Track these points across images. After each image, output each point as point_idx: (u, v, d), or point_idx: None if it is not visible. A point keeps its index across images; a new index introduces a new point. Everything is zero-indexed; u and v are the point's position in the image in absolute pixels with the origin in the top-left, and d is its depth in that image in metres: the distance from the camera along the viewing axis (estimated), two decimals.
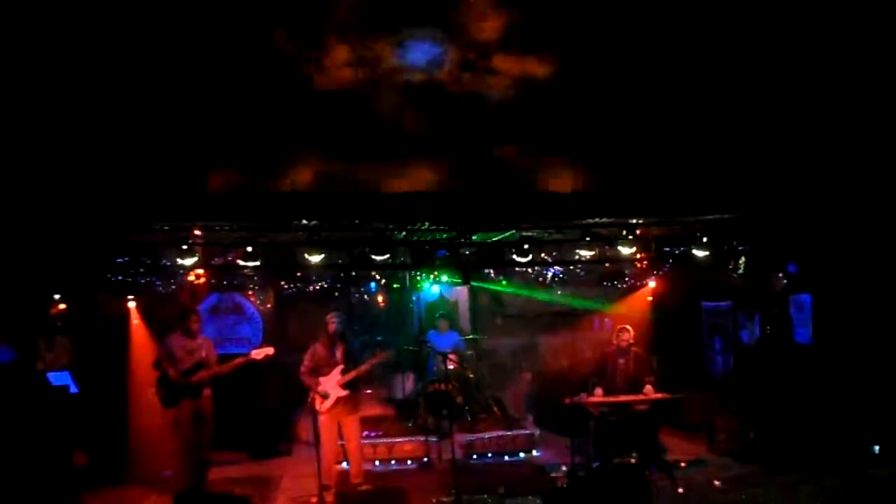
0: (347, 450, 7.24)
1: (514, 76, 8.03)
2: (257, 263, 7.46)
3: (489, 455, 8.55)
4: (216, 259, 7.94)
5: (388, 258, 7.75)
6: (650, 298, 10.71)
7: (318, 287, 10.59)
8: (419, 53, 7.82)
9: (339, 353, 7.09)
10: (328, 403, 6.92)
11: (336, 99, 7.75)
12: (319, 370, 7.03)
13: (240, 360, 7.16)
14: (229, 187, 7.36)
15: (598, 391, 7.71)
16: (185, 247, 7.23)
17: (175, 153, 7.25)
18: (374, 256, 7.56)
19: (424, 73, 7.89)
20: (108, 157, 7.03)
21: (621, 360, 7.89)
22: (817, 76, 7.78)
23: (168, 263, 7.58)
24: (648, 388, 7.65)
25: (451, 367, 8.43)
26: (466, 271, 8.73)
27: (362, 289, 11.22)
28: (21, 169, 6.79)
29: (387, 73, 7.83)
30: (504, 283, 11.18)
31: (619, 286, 11.23)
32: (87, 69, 7.11)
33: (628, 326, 8.07)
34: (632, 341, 7.97)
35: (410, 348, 10.03)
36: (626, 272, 10.73)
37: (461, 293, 11.16)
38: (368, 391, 9.99)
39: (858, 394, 7.75)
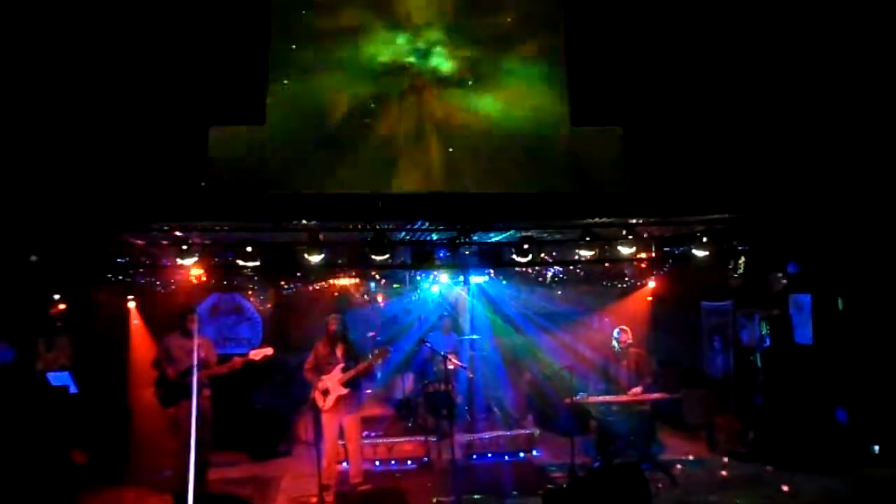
0: (348, 449, 7.26)
1: None
2: (257, 263, 7.46)
3: (489, 455, 8.54)
4: (216, 259, 7.94)
5: (388, 258, 7.75)
6: (650, 298, 10.70)
7: (318, 287, 10.58)
8: None
9: (339, 353, 7.16)
10: (329, 401, 6.95)
11: None
12: (321, 368, 7.13)
13: (238, 360, 7.16)
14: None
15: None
16: (185, 247, 7.23)
17: (175, 153, 7.24)
18: (374, 256, 7.56)
19: None
20: (109, 157, 7.03)
21: (624, 362, 7.90)
22: (817, 76, 7.78)
23: (168, 263, 7.58)
24: (637, 389, 7.64)
25: (450, 367, 8.43)
26: (466, 271, 8.73)
27: (362, 289, 11.20)
28: (21, 169, 6.79)
29: None
30: (504, 282, 11.19)
31: (619, 286, 11.22)
32: (88, 70, 7.11)
33: (626, 327, 8.08)
34: (630, 342, 7.98)
35: (411, 349, 10.02)
36: (626, 272, 10.72)
37: (461, 293, 11.13)
38: (368, 391, 9.98)
39: (858, 394, 7.75)
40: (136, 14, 7.23)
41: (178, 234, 7.28)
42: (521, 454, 8.59)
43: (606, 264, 9.63)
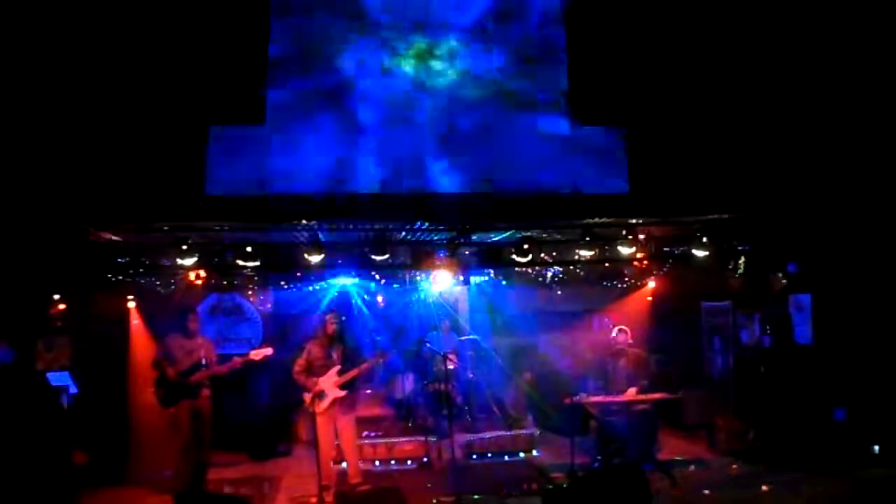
0: (343, 450, 7.21)
1: None
2: (257, 263, 7.46)
3: (489, 455, 8.54)
4: (216, 259, 7.93)
5: (388, 258, 7.75)
6: (650, 298, 10.70)
7: (317, 287, 10.56)
8: None
9: (336, 354, 7.07)
10: (324, 404, 6.89)
11: None
12: (314, 370, 6.99)
13: (238, 360, 7.16)
14: None
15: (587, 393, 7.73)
16: (185, 247, 7.23)
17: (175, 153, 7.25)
18: (374, 256, 7.56)
19: None
20: (109, 157, 7.03)
21: (621, 361, 7.91)
22: (817, 76, 7.78)
23: (168, 263, 7.58)
24: (632, 390, 7.63)
25: (450, 367, 8.43)
26: (467, 271, 8.74)
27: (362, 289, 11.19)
28: (21, 169, 6.79)
29: None
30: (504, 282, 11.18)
31: (619, 286, 11.21)
32: (87, 70, 7.11)
33: (625, 327, 8.08)
34: (629, 342, 7.98)
35: (411, 349, 10.02)
36: (626, 272, 10.71)
37: (461, 293, 11.13)
38: (368, 391, 9.98)
39: (858, 394, 7.74)
40: (136, 14, 7.23)
41: (177, 234, 7.28)
42: (521, 454, 8.59)
43: (606, 264, 9.63)
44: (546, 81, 8.03)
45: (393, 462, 8.32)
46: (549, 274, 10.78)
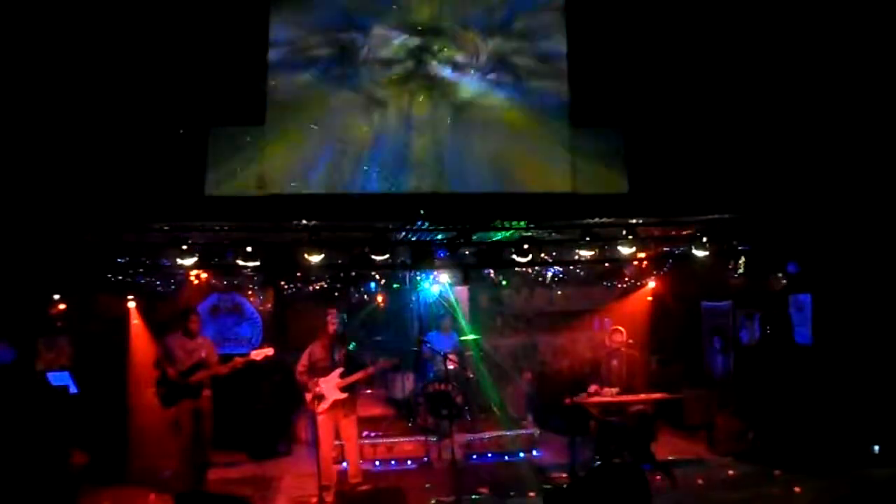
0: (345, 450, 7.21)
1: None
2: (257, 263, 7.46)
3: (489, 455, 8.54)
4: (216, 259, 7.93)
5: (388, 258, 7.75)
6: (650, 298, 10.70)
7: (318, 287, 10.57)
8: None
9: (338, 355, 7.06)
10: (325, 405, 6.89)
11: None
12: (317, 371, 6.98)
13: (239, 360, 7.16)
14: None
15: (594, 387, 7.72)
16: (185, 247, 7.23)
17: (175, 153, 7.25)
18: (374, 256, 7.56)
19: None
20: (109, 157, 7.03)
21: (614, 362, 7.91)
22: (817, 76, 7.78)
23: (168, 263, 7.58)
24: (614, 389, 7.61)
25: (451, 367, 8.43)
26: (466, 271, 8.74)
27: (362, 289, 11.18)
28: (21, 169, 6.79)
29: None
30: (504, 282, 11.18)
31: (619, 286, 11.21)
32: (88, 70, 7.11)
33: (620, 328, 8.07)
34: (624, 342, 7.97)
35: (411, 349, 10.01)
36: (626, 272, 10.72)
37: (461, 293, 11.13)
38: (368, 391, 9.98)
39: (858, 394, 7.75)
40: (137, 15, 7.23)
41: (178, 234, 7.28)
42: (521, 454, 8.59)
43: (606, 264, 9.63)
44: (546, 82, 8.02)
45: (393, 462, 8.32)
46: (549, 274, 10.79)
